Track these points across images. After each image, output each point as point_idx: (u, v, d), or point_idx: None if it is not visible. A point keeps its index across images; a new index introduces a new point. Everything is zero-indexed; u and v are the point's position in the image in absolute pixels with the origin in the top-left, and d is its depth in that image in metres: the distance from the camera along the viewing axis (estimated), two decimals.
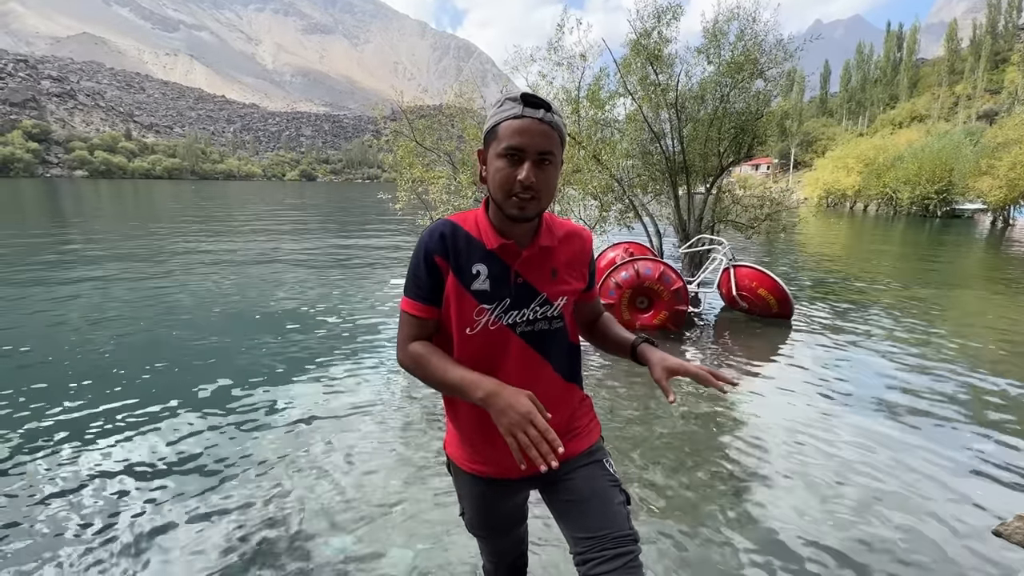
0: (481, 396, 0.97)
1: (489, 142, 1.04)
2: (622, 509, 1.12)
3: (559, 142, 1.03)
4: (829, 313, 6.31)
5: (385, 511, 2.38)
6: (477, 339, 1.07)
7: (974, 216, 26.22)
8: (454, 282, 1.06)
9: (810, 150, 56.09)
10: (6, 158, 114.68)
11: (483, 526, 1.30)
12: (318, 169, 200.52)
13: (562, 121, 1.04)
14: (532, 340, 1.10)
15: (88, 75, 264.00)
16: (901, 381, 4.16)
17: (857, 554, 2.13)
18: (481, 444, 1.16)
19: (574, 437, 1.19)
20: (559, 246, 1.13)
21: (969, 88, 55.50)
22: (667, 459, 2.89)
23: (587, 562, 1.05)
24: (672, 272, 5.24)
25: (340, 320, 5.76)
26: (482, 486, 1.21)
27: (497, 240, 1.06)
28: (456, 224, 1.08)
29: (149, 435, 3.10)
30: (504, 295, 1.07)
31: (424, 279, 1.07)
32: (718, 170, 7.96)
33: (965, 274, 10.33)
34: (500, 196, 1.02)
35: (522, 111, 0.99)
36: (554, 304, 1.10)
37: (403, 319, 1.11)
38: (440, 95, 11.03)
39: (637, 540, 1.08)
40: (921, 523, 2.35)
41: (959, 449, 3.06)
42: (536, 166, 0.99)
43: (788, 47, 7.31)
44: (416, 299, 1.08)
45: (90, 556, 2.10)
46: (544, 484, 1.19)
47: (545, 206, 1.05)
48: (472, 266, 1.06)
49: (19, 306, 6.25)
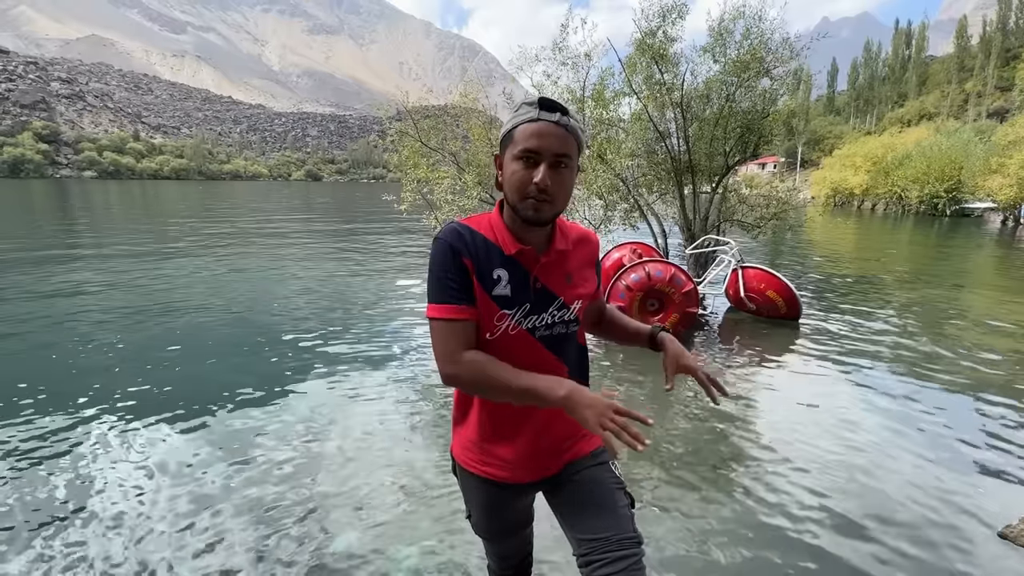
0: (564, 394, 0.96)
1: (506, 146, 1.04)
2: (627, 512, 1.12)
3: (576, 146, 1.02)
4: (836, 313, 6.27)
5: (391, 510, 2.40)
6: (497, 343, 1.06)
7: (984, 215, 25.94)
8: (477, 285, 1.04)
9: (817, 149, 55.69)
10: (17, 159, 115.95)
11: (490, 528, 1.30)
12: (324, 169, 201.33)
13: (580, 126, 1.04)
14: (550, 344, 1.11)
15: (97, 76, 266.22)
16: (909, 382, 4.13)
17: (862, 555, 2.12)
18: (495, 448, 1.16)
19: (581, 438, 1.19)
20: (572, 250, 1.15)
21: (979, 85, 54.92)
22: (672, 459, 2.89)
23: (590, 564, 1.05)
24: (683, 274, 5.20)
25: (346, 321, 5.79)
26: (490, 489, 1.21)
27: (515, 245, 1.06)
28: (472, 228, 1.07)
29: (159, 431, 3.14)
30: (524, 300, 1.07)
31: (456, 278, 1.02)
32: (724, 169, 7.92)
33: (975, 274, 10.23)
34: (516, 198, 1.02)
35: (538, 115, 0.99)
36: (571, 308, 1.12)
37: (441, 329, 1.03)
38: (445, 95, 11.04)
39: (641, 543, 1.08)
40: (927, 524, 2.34)
41: (967, 451, 3.03)
42: (552, 169, 0.99)
43: (795, 45, 7.26)
44: (452, 301, 1.02)
45: (102, 547, 2.13)
46: (551, 486, 1.20)
47: (560, 209, 1.05)
48: (493, 271, 1.05)
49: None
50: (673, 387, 1.06)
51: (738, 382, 4.13)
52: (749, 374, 4.32)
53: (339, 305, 6.49)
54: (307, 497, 2.50)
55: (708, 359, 4.72)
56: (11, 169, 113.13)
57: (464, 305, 1.03)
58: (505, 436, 1.15)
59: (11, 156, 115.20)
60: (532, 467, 1.17)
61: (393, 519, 2.33)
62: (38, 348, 4.76)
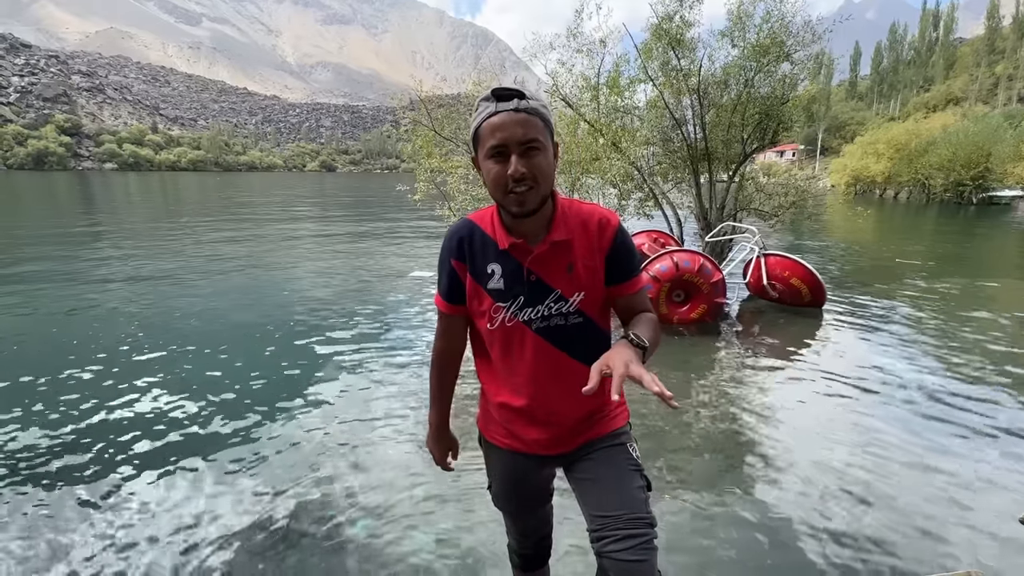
0: (429, 432, 1.39)
1: (477, 148, 1.05)
2: (640, 493, 1.12)
3: (542, 126, 1.01)
4: (857, 303, 6.16)
5: (409, 493, 2.44)
6: (496, 334, 1.13)
7: (1012, 203, 25.11)
8: (472, 282, 1.12)
9: (838, 135, 54.27)
10: (40, 152, 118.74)
11: (508, 499, 1.34)
12: (338, 160, 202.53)
13: (541, 104, 1.02)
14: (548, 335, 1.11)
15: (116, 69, 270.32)
16: (932, 370, 4.06)
17: (880, 539, 2.11)
18: (508, 425, 1.22)
19: (597, 421, 1.21)
20: (576, 237, 1.09)
21: (1010, 68, 52.78)
22: (687, 448, 2.89)
23: (601, 539, 1.07)
24: (710, 263, 5.06)
25: (363, 309, 5.85)
26: (509, 460, 1.26)
27: (508, 239, 1.08)
28: (474, 224, 1.13)
29: (178, 418, 3.23)
30: (518, 293, 1.09)
31: (445, 280, 1.15)
32: (741, 157, 7.78)
33: (1001, 263, 9.94)
34: (499, 195, 1.03)
35: (496, 107, 0.99)
36: (569, 300, 1.09)
37: (437, 314, 1.23)
38: (458, 84, 10.99)
39: (653, 525, 1.08)
40: (946, 510, 2.33)
41: (988, 438, 2.99)
42: (523, 156, 0.99)
43: (817, 28, 7.06)
44: (443, 296, 1.18)
45: (123, 532, 2.21)
46: (568, 463, 1.22)
47: (546, 192, 1.04)
48: (487, 266, 1.10)
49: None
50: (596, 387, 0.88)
51: (759, 373, 4.10)
52: (771, 365, 4.28)
53: (355, 294, 6.56)
54: (328, 479, 2.55)
55: (735, 351, 4.69)
56: (35, 162, 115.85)
57: (448, 302, 1.17)
58: (517, 418, 1.19)
59: (35, 149, 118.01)
60: (549, 443, 1.20)
61: (413, 502, 2.37)
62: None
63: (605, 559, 1.05)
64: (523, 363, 1.13)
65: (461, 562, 2.02)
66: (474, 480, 2.42)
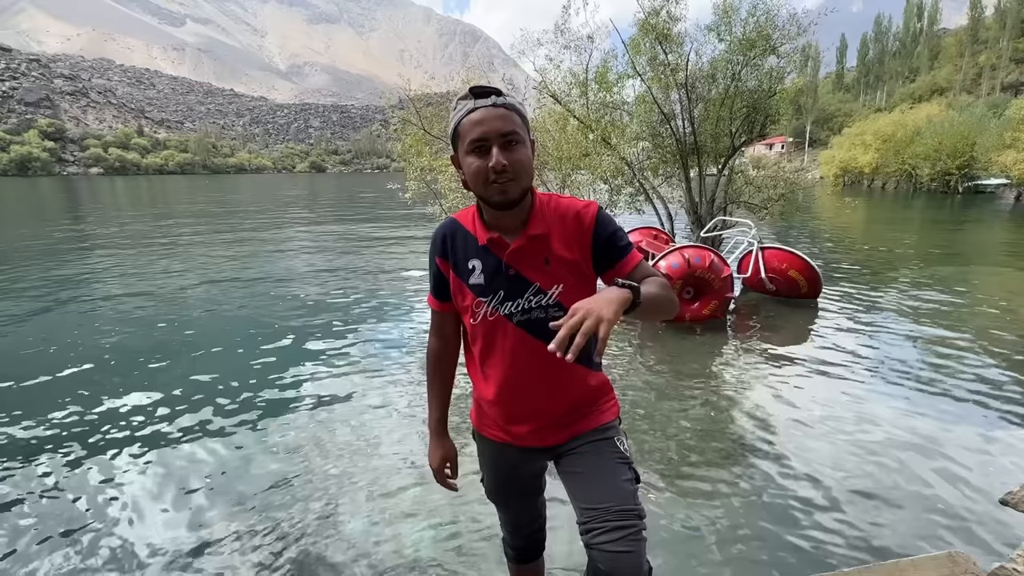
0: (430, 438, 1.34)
1: (457, 145, 1.08)
2: (628, 486, 1.13)
3: (520, 122, 1.05)
4: (850, 293, 6.23)
5: (405, 490, 2.46)
6: (479, 329, 1.17)
7: (998, 191, 25.44)
8: (455, 278, 1.16)
9: (826, 127, 54.65)
10: (24, 157, 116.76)
11: (499, 491, 1.37)
12: (327, 160, 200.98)
13: (518, 102, 1.06)
14: (529, 328, 1.13)
15: (99, 72, 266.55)
16: (923, 357, 4.15)
17: (864, 522, 2.16)
18: (496, 418, 1.25)
19: (586, 415, 1.22)
20: (553, 231, 1.11)
21: (993, 58, 53.38)
22: (684, 440, 2.92)
23: (590, 531, 1.08)
24: (719, 259, 5.04)
25: (356, 308, 5.84)
26: (500, 452, 1.29)
27: (486, 235, 1.11)
28: (457, 222, 1.17)
29: (175, 420, 3.22)
30: (498, 288, 1.12)
31: (432, 278, 1.21)
32: (730, 150, 7.84)
33: (989, 251, 10.09)
34: (480, 189, 1.06)
35: (475, 104, 1.03)
36: (548, 293, 1.11)
37: (430, 312, 1.28)
38: (447, 82, 10.95)
39: (642, 517, 1.09)
40: (931, 490, 2.40)
41: (973, 422, 3.06)
42: (504, 148, 1.02)
43: (802, 21, 7.12)
44: (433, 294, 1.23)
45: (123, 533, 2.20)
46: (558, 456, 1.24)
47: (527, 184, 1.07)
48: (468, 262, 1.14)
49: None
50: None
51: (757, 365, 4.14)
52: (768, 355, 4.33)
53: (349, 294, 6.54)
54: (325, 478, 2.56)
55: (732, 343, 4.73)
56: (19, 168, 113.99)
57: (436, 300, 1.23)
58: (507, 412, 1.21)
59: (19, 155, 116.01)
60: (535, 435, 1.22)
61: (410, 498, 2.39)
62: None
63: (594, 551, 1.06)
64: (505, 356, 1.15)
65: (456, 555, 2.04)
66: (468, 479, 2.43)
